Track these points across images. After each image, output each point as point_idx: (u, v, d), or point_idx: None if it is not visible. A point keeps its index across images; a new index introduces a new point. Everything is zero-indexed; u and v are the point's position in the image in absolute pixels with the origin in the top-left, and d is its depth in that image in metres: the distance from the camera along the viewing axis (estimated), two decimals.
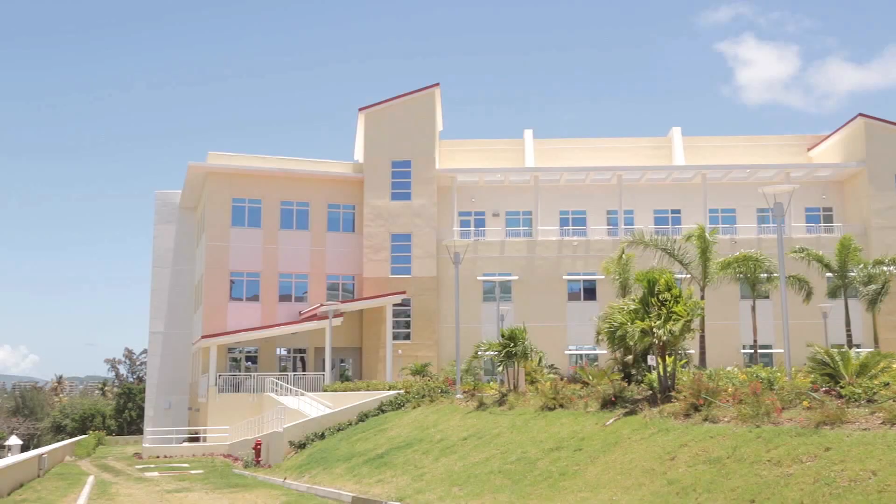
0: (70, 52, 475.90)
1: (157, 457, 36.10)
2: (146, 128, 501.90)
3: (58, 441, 53.15)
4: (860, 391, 12.78)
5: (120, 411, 72.90)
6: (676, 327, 16.08)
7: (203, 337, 42.03)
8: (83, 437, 50.62)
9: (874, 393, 12.62)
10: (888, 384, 12.98)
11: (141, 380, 79.72)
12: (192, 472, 27.39)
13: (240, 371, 44.03)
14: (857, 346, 37.02)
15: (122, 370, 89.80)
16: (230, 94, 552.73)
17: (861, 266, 37.79)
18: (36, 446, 56.89)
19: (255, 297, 44.75)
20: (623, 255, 36.42)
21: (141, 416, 60.78)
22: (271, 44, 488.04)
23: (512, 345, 23.56)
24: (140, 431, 58.68)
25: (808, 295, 37.31)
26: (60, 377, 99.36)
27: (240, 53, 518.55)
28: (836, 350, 15.25)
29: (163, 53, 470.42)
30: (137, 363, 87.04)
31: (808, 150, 51.13)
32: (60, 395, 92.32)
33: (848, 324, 36.95)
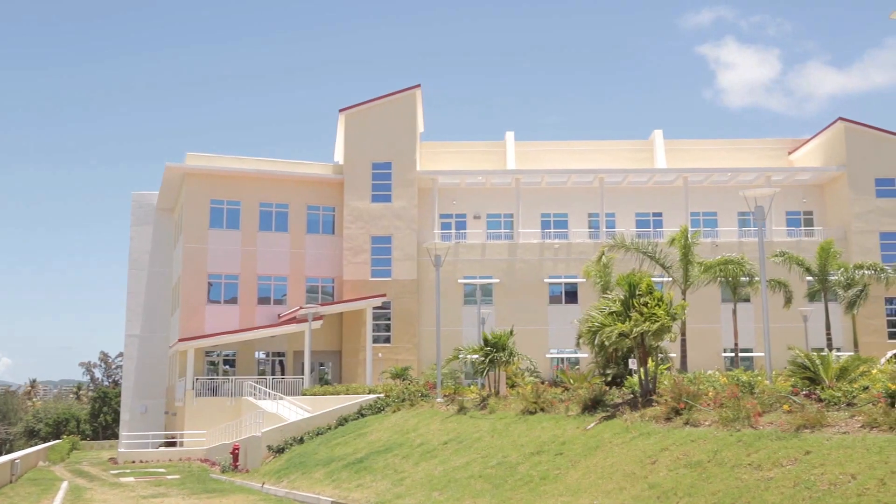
0: (44, 53, 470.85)
1: (133, 462, 35.60)
2: (123, 128, 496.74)
3: (31, 446, 52.40)
4: (840, 395, 12.82)
5: (95, 416, 71.87)
6: (653, 327, 16.03)
7: (180, 340, 41.54)
8: (57, 441, 49.83)
9: (854, 396, 12.66)
10: (867, 388, 13.01)
11: (117, 383, 78.88)
12: (169, 477, 27.02)
13: (217, 375, 43.59)
14: (838, 349, 37.26)
15: (98, 374, 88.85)
16: (209, 95, 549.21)
17: (841, 270, 38.03)
18: (8, 451, 55.99)
19: (233, 300, 44.31)
20: (603, 257, 36.45)
21: (116, 420, 60.05)
22: (251, 45, 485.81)
23: (495, 351, 23.48)
24: (115, 436, 57.94)
25: (789, 300, 37.49)
26: (34, 381, 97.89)
27: (219, 55, 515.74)
28: (816, 354, 15.28)
29: (141, 55, 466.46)
30: (113, 367, 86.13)
31: (789, 153, 51.53)
32: (34, 400, 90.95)
33: (828, 327, 37.17)
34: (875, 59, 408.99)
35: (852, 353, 21.24)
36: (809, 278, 39.28)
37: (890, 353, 40.24)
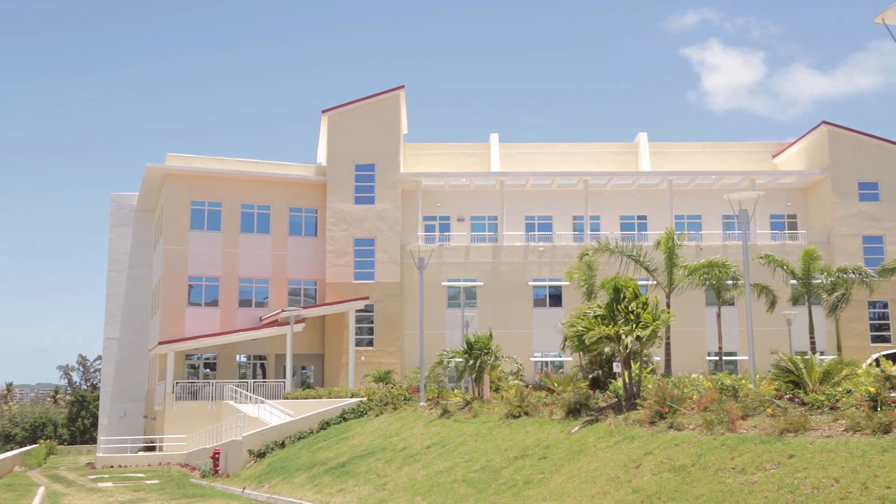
0: (27, 54, 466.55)
1: (112, 466, 35.17)
2: (103, 129, 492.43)
3: (6, 451, 51.62)
4: (823, 398, 12.83)
5: (73, 420, 71.11)
6: (644, 334, 15.97)
7: (160, 343, 41.10)
8: (33, 446, 49.09)
9: (837, 400, 12.68)
10: (851, 391, 13.02)
11: (95, 387, 78.21)
12: (148, 482, 26.70)
13: (198, 378, 43.11)
14: (821, 353, 37.39)
15: (76, 377, 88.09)
16: (190, 95, 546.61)
17: (825, 273, 38.21)
18: None
19: (214, 303, 43.88)
20: (585, 258, 36.44)
21: (95, 424, 59.41)
22: (233, 46, 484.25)
23: (479, 354, 23.36)
24: (94, 440, 57.37)
25: (773, 303, 37.60)
26: (10, 384, 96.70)
27: (201, 55, 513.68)
28: (799, 357, 15.28)
29: (122, 56, 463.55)
30: (91, 370, 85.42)
31: (773, 157, 51.80)
32: (10, 403, 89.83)
33: (812, 331, 37.31)
34: (859, 62, 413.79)
35: (835, 357, 21.32)
36: (793, 282, 39.46)
37: (872, 358, 40.50)
